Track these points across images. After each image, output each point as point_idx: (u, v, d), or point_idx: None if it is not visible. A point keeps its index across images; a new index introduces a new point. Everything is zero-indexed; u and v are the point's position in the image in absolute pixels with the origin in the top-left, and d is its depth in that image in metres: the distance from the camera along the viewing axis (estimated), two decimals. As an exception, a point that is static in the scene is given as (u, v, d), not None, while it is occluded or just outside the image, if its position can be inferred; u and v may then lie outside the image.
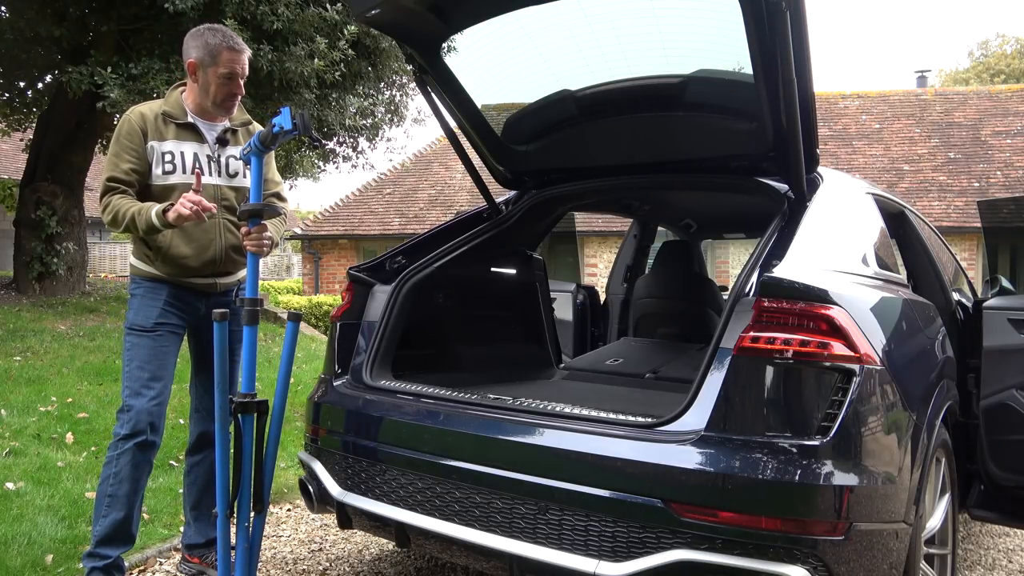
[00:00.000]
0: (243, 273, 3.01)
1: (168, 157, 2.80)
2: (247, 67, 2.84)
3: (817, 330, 2.04)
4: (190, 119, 2.84)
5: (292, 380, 6.61)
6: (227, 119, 2.91)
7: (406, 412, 2.64)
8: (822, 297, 2.08)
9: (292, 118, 2.41)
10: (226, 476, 2.50)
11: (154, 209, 2.63)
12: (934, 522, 2.60)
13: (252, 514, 2.55)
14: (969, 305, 3.45)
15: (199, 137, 2.86)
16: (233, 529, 2.54)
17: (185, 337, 3.00)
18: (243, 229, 2.62)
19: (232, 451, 2.53)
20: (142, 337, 2.79)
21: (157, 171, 2.80)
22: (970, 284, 4.35)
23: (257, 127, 2.94)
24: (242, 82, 2.83)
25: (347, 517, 2.70)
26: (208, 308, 2.89)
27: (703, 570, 1.98)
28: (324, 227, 18.28)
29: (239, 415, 2.49)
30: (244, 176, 2.93)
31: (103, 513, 2.73)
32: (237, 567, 2.52)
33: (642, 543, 2.06)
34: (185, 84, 2.90)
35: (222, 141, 2.89)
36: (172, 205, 2.61)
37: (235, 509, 2.51)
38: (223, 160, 2.90)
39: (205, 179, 2.84)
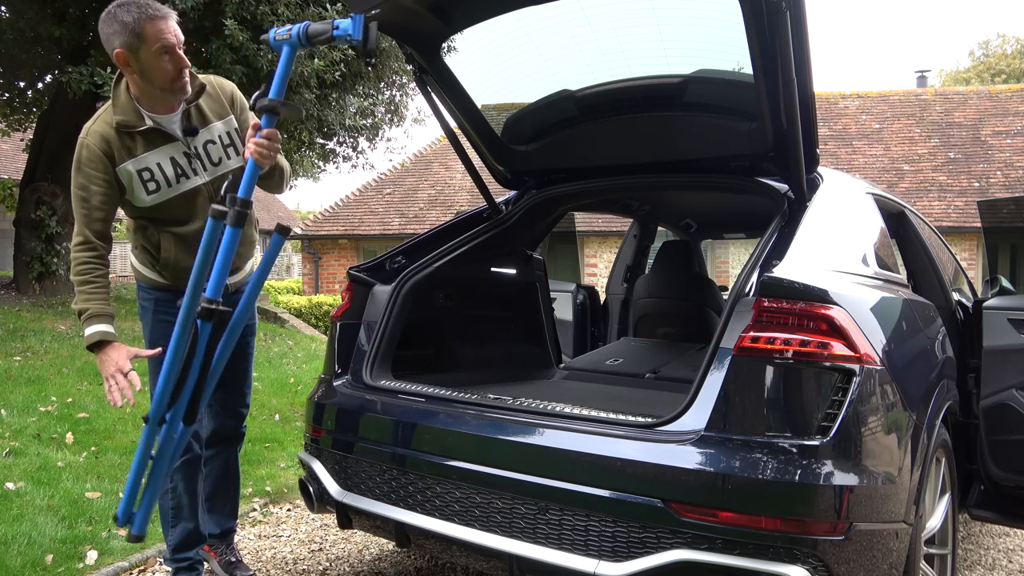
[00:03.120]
0: (249, 267, 2.89)
1: (147, 175, 2.50)
2: (180, 33, 2.43)
3: (817, 330, 2.04)
4: (148, 122, 2.48)
5: (292, 380, 6.63)
6: (182, 101, 2.53)
7: (406, 412, 2.64)
8: (822, 297, 2.08)
9: (364, 30, 2.12)
10: (168, 382, 2.31)
11: (90, 331, 2.39)
12: (934, 522, 2.60)
13: (182, 425, 2.38)
14: (969, 305, 3.45)
15: (167, 138, 2.53)
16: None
17: None
18: (251, 128, 2.31)
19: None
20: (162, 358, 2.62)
21: (141, 196, 2.52)
22: (970, 284, 4.35)
23: (220, 84, 2.64)
24: (181, 52, 2.42)
25: (347, 517, 2.70)
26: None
27: (703, 570, 1.98)
28: (324, 227, 18.28)
29: (199, 320, 2.27)
30: (229, 158, 2.64)
31: (172, 524, 2.75)
32: (154, 472, 2.35)
33: (642, 543, 2.06)
34: (123, 79, 2.50)
35: (190, 131, 2.54)
36: (104, 346, 2.37)
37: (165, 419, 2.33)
38: (202, 151, 2.58)
39: (188, 184, 2.56)
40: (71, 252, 2.52)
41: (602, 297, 4.98)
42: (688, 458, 2.05)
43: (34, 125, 10.45)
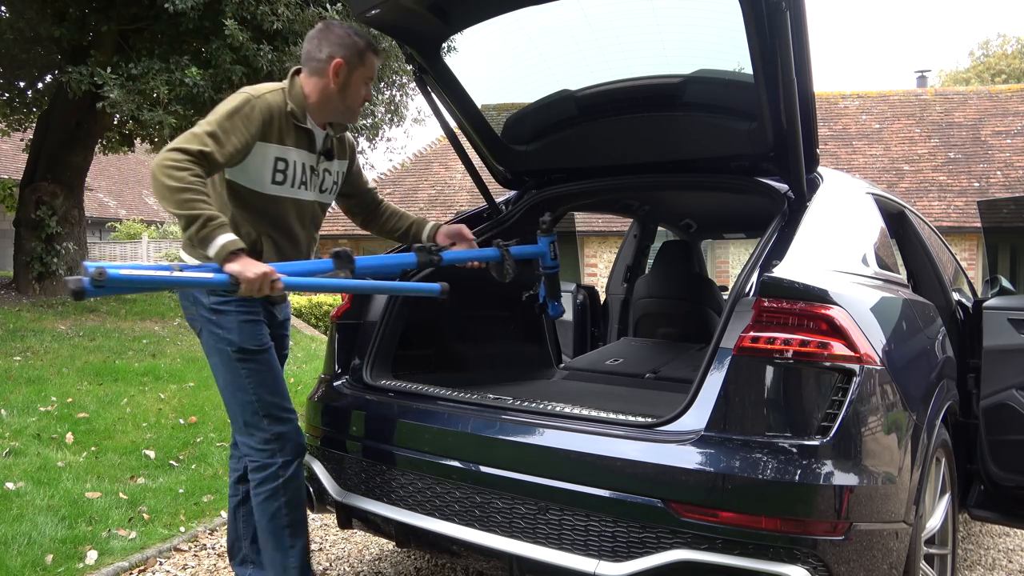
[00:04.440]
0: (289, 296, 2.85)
1: (281, 165, 2.49)
2: None
3: (817, 330, 2.04)
4: (308, 124, 2.55)
5: (292, 380, 6.63)
6: (328, 126, 2.62)
7: (406, 412, 2.64)
8: (822, 297, 2.08)
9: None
10: None
11: (226, 238, 2.18)
12: (934, 522, 2.60)
13: None
14: (969, 305, 3.45)
15: (311, 146, 2.57)
16: None
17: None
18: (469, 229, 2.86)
19: None
20: (257, 360, 2.52)
21: (264, 179, 2.48)
22: (970, 284, 4.35)
23: (348, 136, 2.80)
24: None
25: (347, 517, 2.70)
26: (276, 319, 2.74)
27: (703, 570, 1.98)
28: (324, 227, 18.26)
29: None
30: (330, 194, 2.74)
31: (289, 544, 2.54)
32: None
33: (642, 543, 2.06)
34: (299, 74, 2.56)
35: (327, 154, 2.63)
36: (242, 254, 2.20)
37: None
38: (321, 173, 2.64)
39: (302, 194, 2.58)
40: (176, 159, 2.19)
41: (602, 297, 4.98)
42: (688, 458, 2.05)
43: (34, 125, 10.45)
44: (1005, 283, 3.86)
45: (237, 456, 2.76)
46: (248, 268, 2.17)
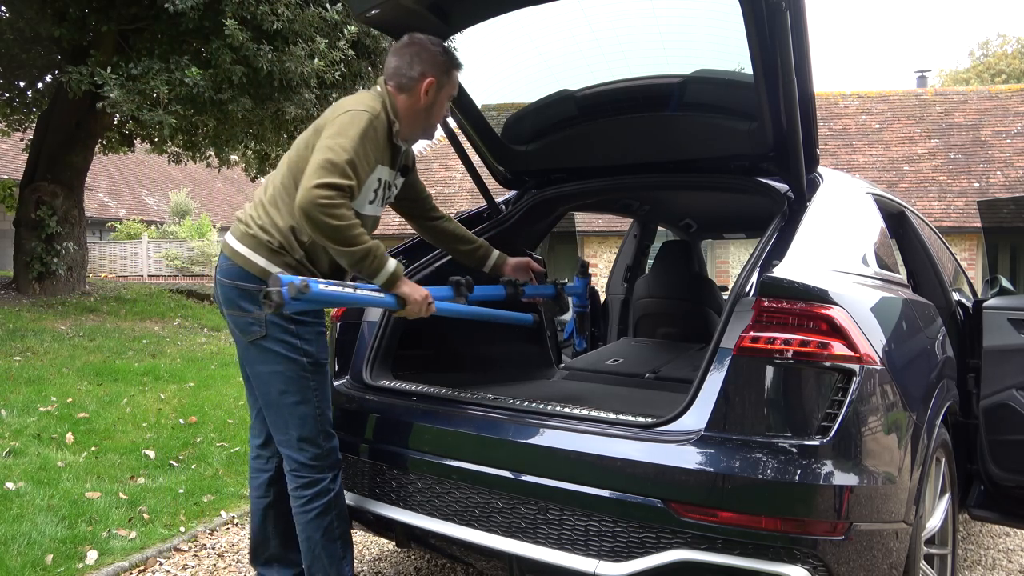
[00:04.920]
0: None
1: (376, 185, 2.44)
2: None
3: (817, 330, 2.03)
4: (399, 141, 2.49)
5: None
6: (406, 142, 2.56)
7: (406, 412, 2.64)
8: (822, 297, 2.08)
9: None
10: None
11: (393, 264, 2.29)
12: (934, 522, 2.60)
13: None
14: (969, 305, 3.45)
15: (394, 162, 2.52)
16: None
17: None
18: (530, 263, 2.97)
19: None
20: (324, 373, 2.50)
21: (365, 198, 2.42)
22: (970, 284, 4.35)
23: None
24: None
25: (347, 517, 2.70)
26: None
27: (703, 570, 1.98)
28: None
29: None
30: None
31: (341, 555, 2.52)
32: None
33: (642, 543, 2.06)
34: (386, 89, 2.48)
35: (403, 170, 2.60)
36: (406, 278, 2.33)
37: None
38: (392, 188, 2.59)
39: (379, 210, 2.55)
40: (331, 197, 2.16)
41: (602, 297, 4.98)
42: (688, 458, 2.05)
43: (34, 125, 10.46)
44: (1005, 283, 3.86)
45: (265, 457, 2.69)
46: (415, 292, 2.36)
